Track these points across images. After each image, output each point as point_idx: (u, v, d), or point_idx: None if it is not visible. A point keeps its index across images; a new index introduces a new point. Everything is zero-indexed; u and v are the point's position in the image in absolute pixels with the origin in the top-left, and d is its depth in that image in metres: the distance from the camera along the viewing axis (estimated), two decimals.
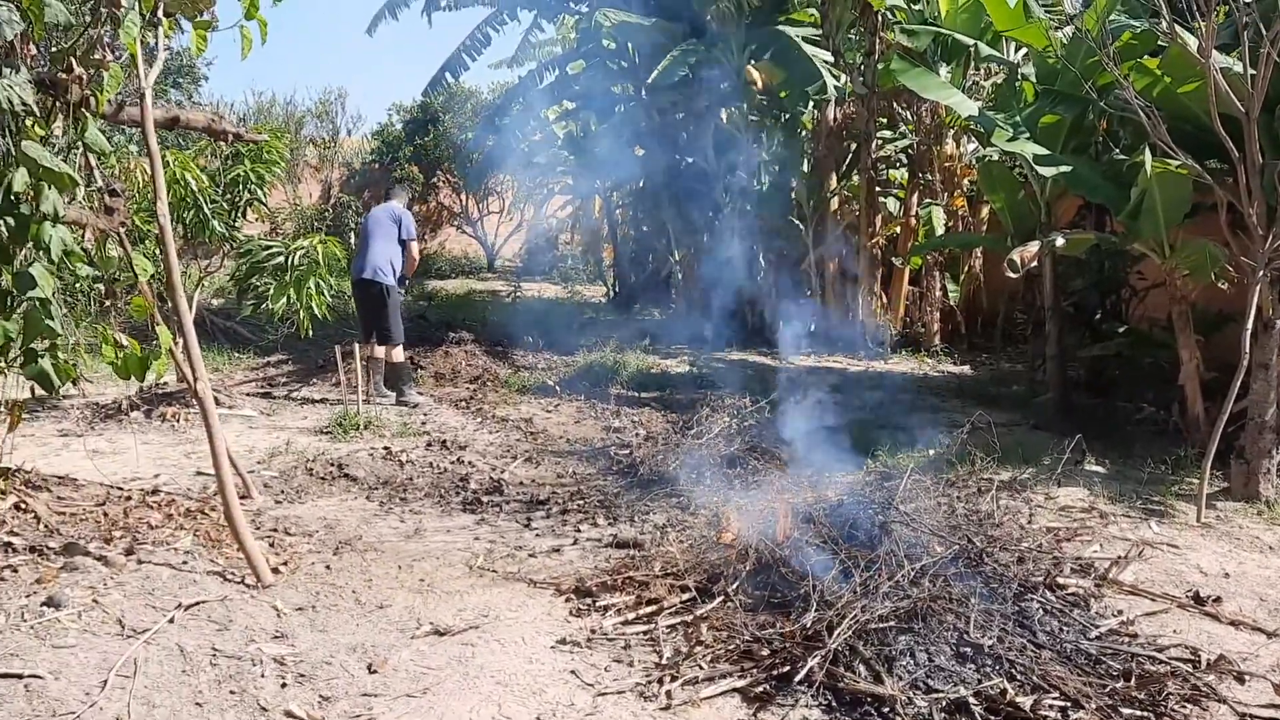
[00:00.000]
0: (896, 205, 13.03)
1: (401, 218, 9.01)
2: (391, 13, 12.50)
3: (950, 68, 10.75)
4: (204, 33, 4.13)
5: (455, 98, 22.03)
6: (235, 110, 21.11)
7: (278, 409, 8.38)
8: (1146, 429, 7.86)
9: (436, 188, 23.53)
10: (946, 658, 3.59)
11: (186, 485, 5.86)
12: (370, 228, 8.95)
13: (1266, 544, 5.40)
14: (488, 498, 5.98)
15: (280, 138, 7.19)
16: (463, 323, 12.80)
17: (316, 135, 22.44)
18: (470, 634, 3.94)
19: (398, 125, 23.52)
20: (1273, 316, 6.00)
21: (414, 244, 9.11)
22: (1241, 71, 5.60)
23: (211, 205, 6.75)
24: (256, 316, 10.40)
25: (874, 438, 7.41)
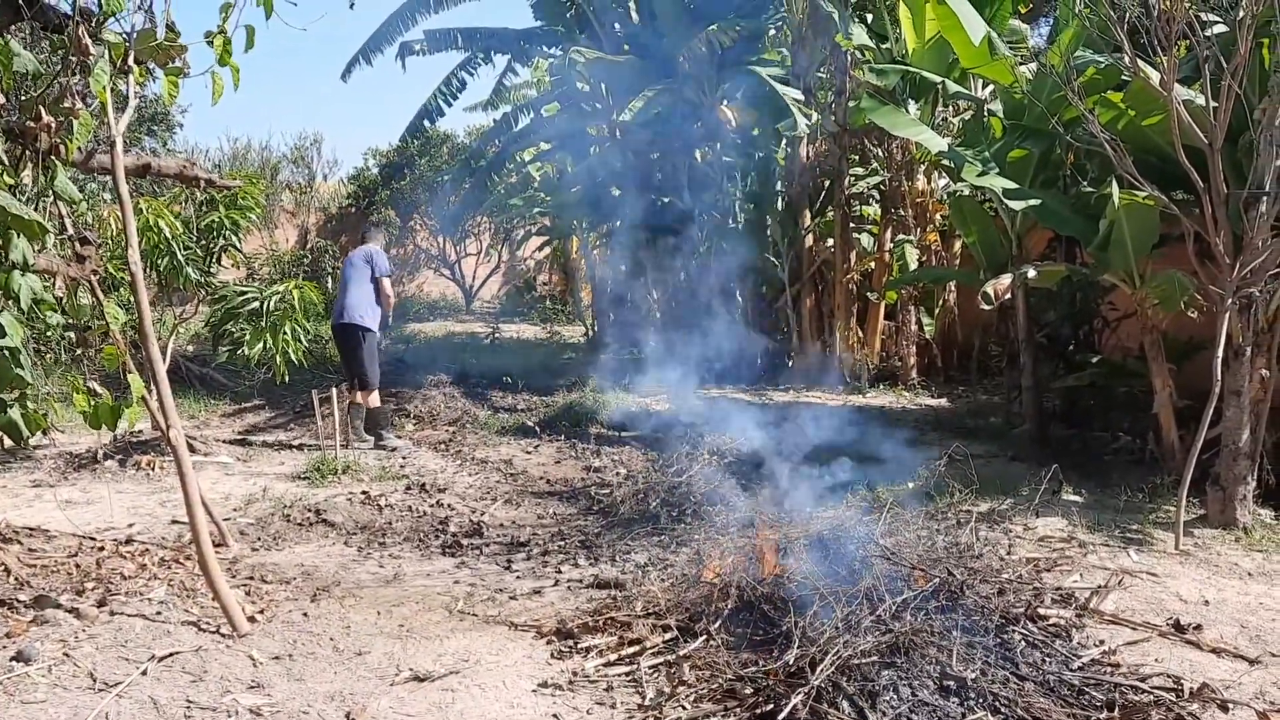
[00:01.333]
0: (870, 241, 13.14)
1: (373, 257, 9.00)
2: (366, 58, 12.58)
3: (919, 105, 10.89)
4: (175, 79, 4.14)
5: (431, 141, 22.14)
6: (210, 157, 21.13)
7: (254, 455, 8.31)
8: (1123, 458, 7.90)
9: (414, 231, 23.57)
10: (930, 692, 3.57)
11: (161, 534, 5.79)
12: (347, 273, 9.01)
13: (1245, 570, 5.42)
14: (468, 540, 5.94)
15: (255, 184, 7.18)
16: (441, 365, 12.77)
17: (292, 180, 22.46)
18: (450, 679, 3.89)
19: (374, 170, 23.60)
20: (1243, 344, 6.07)
21: (385, 280, 9.02)
22: (1204, 104, 5.71)
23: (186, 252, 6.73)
24: (232, 363, 10.34)
25: (854, 472, 7.42)
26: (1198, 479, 6.20)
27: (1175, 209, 6.07)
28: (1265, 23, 5.82)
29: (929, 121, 10.30)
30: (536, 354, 15.30)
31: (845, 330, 12.46)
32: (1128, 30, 5.74)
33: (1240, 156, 6.10)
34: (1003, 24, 9.66)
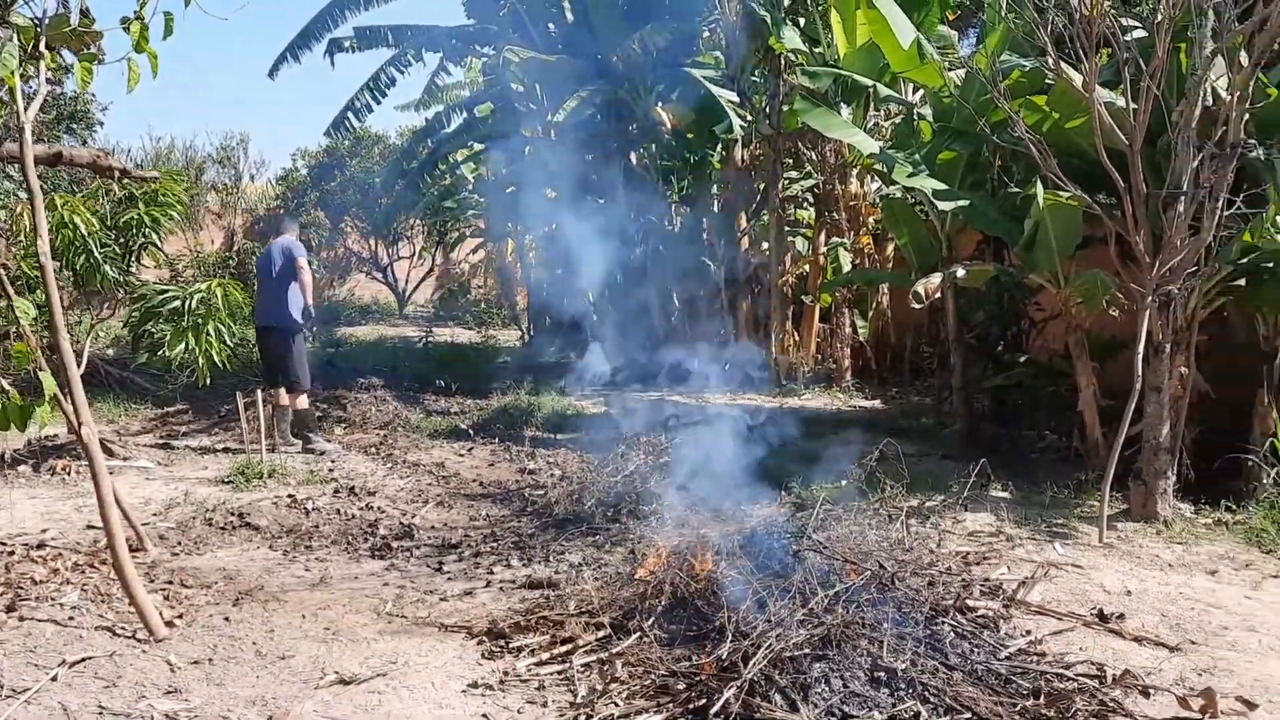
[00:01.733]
0: (805, 244, 13.25)
1: (290, 248, 8.63)
2: (293, 55, 12.33)
3: (851, 108, 11.02)
4: (89, 66, 4.00)
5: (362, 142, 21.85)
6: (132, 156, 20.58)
7: (176, 460, 8.09)
8: (1049, 455, 8.05)
9: (344, 233, 23.24)
10: (861, 683, 3.58)
11: (76, 539, 5.59)
12: (263, 270, 8.75)
13: (1166, 561, 5.54)
14: (398, 543, 5.84)
15: (177, 180, 6.99)
16: (372, 368, 12.56)
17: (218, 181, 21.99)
18: (377, 682, 3.81)
19: (303, 170, 23.22)
20: (1162, 341, 6.22)
21: (301, 260, 8.58)
22: (1124, 106, 5.84)
23: (103, 250, 6.51)
24: (154, 366, 10.06)
25: (788, 471, 7.46)
26: (1120, 474, 6.34)
27: (1098, 209, 6.21)
28: (1182, 27, 5.98)
29: (861, 124, 10.42)
30: (471, 357, 15.15)
31: (781, 333, 12.54)
32: (1052, 35, 5.85)
33: (1159, 158, 6.25)
34: (931, 29, 9.81)
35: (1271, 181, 6.36)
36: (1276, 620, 4.69)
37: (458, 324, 20.92)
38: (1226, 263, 6.31)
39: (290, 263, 8.55)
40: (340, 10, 12.30)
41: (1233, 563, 5.55)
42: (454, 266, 25.37)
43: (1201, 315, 6.62)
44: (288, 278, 8.56)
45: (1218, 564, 5.52)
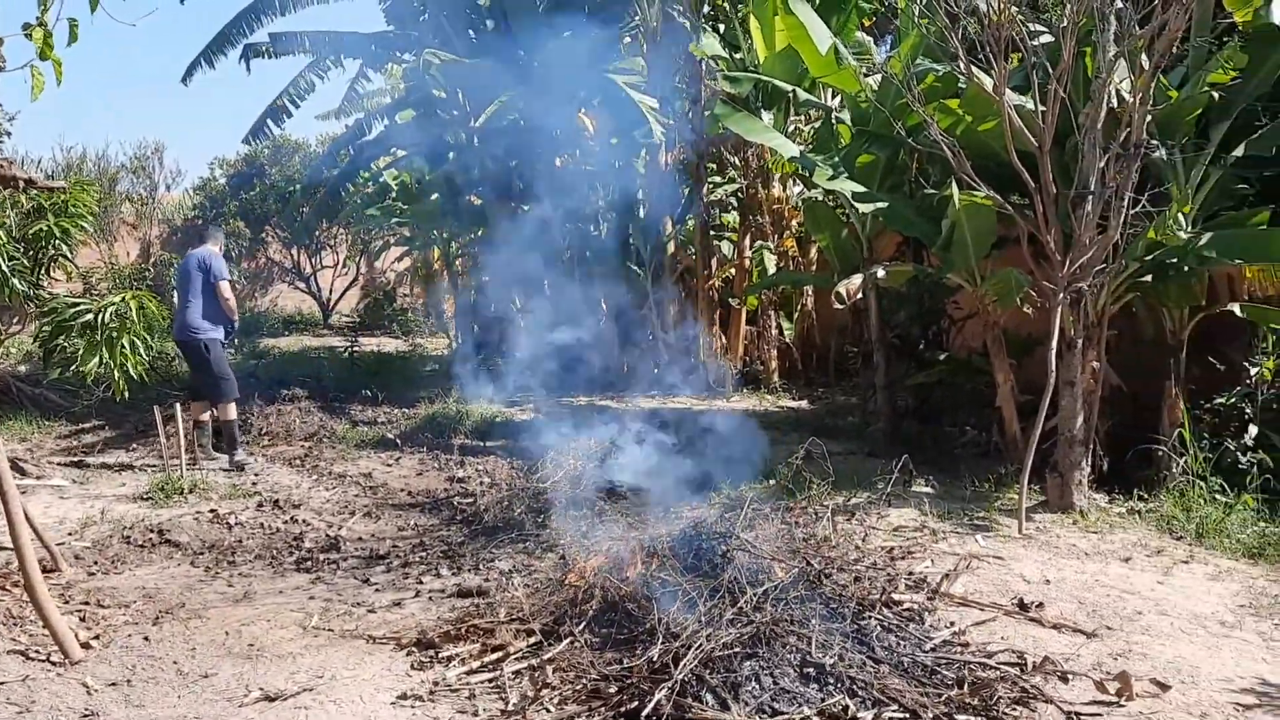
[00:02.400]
0: (730, 248, 13.35)
1: (209, 261, 8.40)
2: (208, 60, 12.06)
3: (772, 113, 11.14)
4: None
5: (282, 150, 21.47)
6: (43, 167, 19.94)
7: (92, 477, 7.86)
8: (970, 450, 8.23)
9: (265, 243, 22.82)
10: (791, 679, 3.63)
11: None
12: (180, 281, 8.53)
13: (1082, 550, 5.71)
14: (324, 555, 5.75)
15: (87, 190, 6.79)
16: (296, 379, 12.34)
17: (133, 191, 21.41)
18: (304, 697, 3.75)
19: (221, 179, 22.74)
20: (1075, 337, 6.40)
21: (223, 284, 8.39)
22: (1033, 109, 6.01)
23: (11, 262, 6.30)
24: (68, 381, 9.77)
25: (717, 472, 7.52)
26: (1038, 467, 6.51)
27: (1010, 209, 6.38)
28: (1086, 32, 6.17)
29: (782, 129, 10.54)
30: (398, 366, 14.97)
31: (709, 336, 12.61)
32: (963, 41, 6.00)
33: (1068, 159, 6.44)
34: (849, 35, 9.98)
35: (1173, 180, 6.61)
36: (1187, 604, 4.86)
37: (384, 333, 20.66)
38: (1133, 260, 6.52)
39: (205, 275, 8.35)
40: (256, 15, 12.07)
41: (1145, 550, 5.73)
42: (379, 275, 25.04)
43: (1111, 311, 6.82)
44: (204, 290, 8.35)
45: (1131, 551, 5.70)
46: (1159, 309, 7.09)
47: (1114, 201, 5.96)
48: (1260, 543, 5.71)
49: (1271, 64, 6.52)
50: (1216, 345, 7.27)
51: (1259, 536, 5.79)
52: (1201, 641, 4.39)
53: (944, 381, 9.11)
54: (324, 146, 20.92)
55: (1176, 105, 6.43)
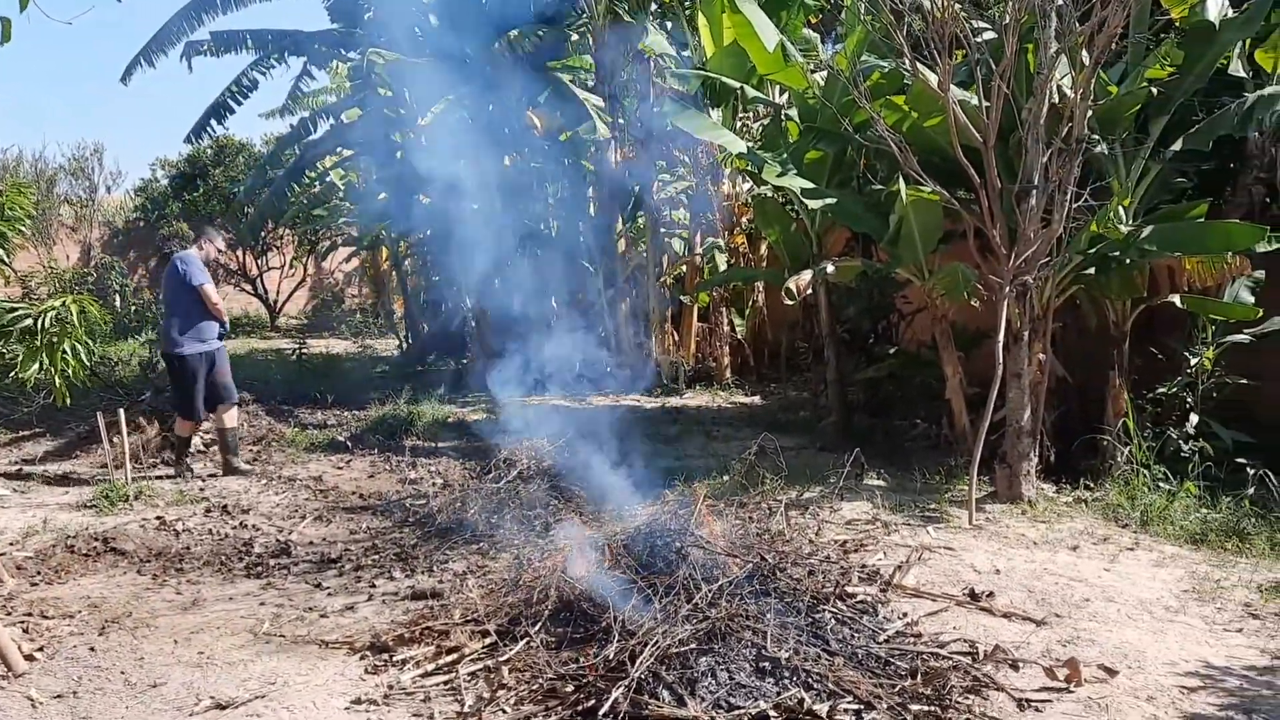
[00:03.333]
0: (681, 245, 13.39)
1: (185, 264, 7.87)
2: (148, 59, 11.81)
3: (721, 110, 11.17)
4: None
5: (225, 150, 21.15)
6: None
7: (34, 486, 7.68)
8: (921, 443, 8.33)
9: None
10: (747, 674, 3.64)
11: None
12: (164, 290, 8.16)
13: (1031, 540, 5.80)
14: (275, 561, 5.67)
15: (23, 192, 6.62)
16: (243, 383, 12.14)
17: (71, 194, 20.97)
18: (256, 704, 3.69)
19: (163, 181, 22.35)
20: (1021, 329, 6.50)
21: (206, 289, 7.87)
22: (978, 105, 6.09)
23: None
24: (7, 388, 9.53)
25: (671, 469, 7.54)
26: (987, 458, 6.61)
27: (957, 204, 6.46)
28: (1028, 29, 6.26)
29: (730, 126, 10.57)
30: (347, 368, 14.82)
31: (661, 333, 12.64)
32: (908, 37, 6.06)
33: (1011, 154, 6.53)
34: (795, 32, 10.03)
35: (1114, 174, 6.74)
36: (1133, 590, 4.96)
37: (333, 335, 20.45)
38: (1076, 253, 6.63)
39: (182, 281, 7.83)
40: (198, 13, 11.84)
41: (1092, 538, 5.84)
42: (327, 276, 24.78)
43: (1056, 304, 6.94)
44: (181, 299, 7.86)
45: (1078, 540, 5.80)
46: (1102, 301, 7.23)
47: (1057, 196, 6.06)
48: (1202, 529, 5.84)
49: (1207, 60, 6.66)
50: (1158, 336, 7.43)
51: (1201, 523, 5.92)
52: (1147, 627, 4.48)
53: (894, 375, 9.20)
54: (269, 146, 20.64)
55: (1116, 101, 6.55)
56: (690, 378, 12.49)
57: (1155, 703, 3.71)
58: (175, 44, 11.87)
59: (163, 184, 22.46)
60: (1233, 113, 6.67)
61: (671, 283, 12.81)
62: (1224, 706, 3.68)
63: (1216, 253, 6.42)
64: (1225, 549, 5.58)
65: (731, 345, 13.03)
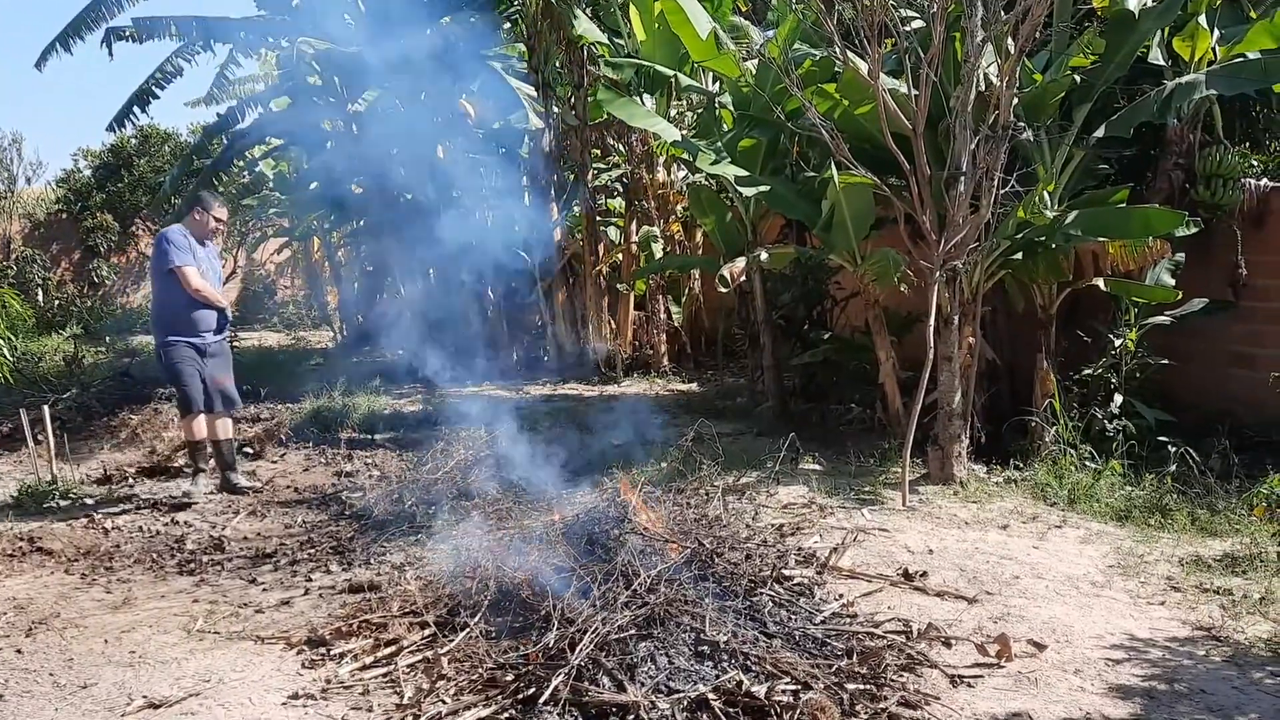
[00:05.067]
0: (617, 233, 13.38)
1: (165, 246, 6.85)
2: (64, 45, 11.45)
3: (655, 98, 11.18)
4: None
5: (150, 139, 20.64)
6: None
7: None
8: (856, 427, 8.43)
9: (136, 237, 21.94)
10: (686, 658, 3.67)
11: None
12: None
13: (962, 520, 5.92)
14: (208, 557, 5.57)
15: None
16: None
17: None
18: (190, 702, 3.64)
19: (86, 171, 21.76)
20: (951, 313, 6.62)
21: (186, 272, 6.75)
22: (907, 93, 6.17)
23: None
24: None
25: (610, 457, 7.56)
26: (920, 441, 6.73)
27: (887, 191, 6.55)
28: (955, 17, 6.37)
29: (664, 114, 10.60)
30: (280, 361, 14.57)
31: (598, 321, 12.63)
32: (838, 26, 6.12)
33: (940, 141, 6.64)
34: (724, 18, 10.06)
35: (1039, 161, 6.88)
36: (1061, 566, 5.09)
37: (265, 327, 20.09)
38: (1004, 238, 6.77)
39: (162, 263, 6.86)
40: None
41: (1021, 516, 5.98)
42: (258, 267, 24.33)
43: (985, 288, 7.08)
44: (163, 281, 6.93)
45: (1008, 519, 5.94)
46: (1029, 285, 7.39)
47: (984, 182, 6.17)
48: (1127, 506, 6.02)
49: (1128, 49, 6.84)
50: (1084, 319, 7.62)
51: (1125, 500, 6.09)
52: (1074, 602, 4.61)
53: (829, 360, 9.31)
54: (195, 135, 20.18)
55: (1041, 89, 6.69)
56: (628, 366, 12.50)
57: (1082, 675, 3.82)
58: (94, 29, 11.53)
59: (86, 175, 21.86)
60: (1152, 100, 6.86)
61: (608, 271, 12.80)
62: (1147, 677, 3.80)
63: (1138, 237, 6.60)
64: (1148, 525, 5.74)
65: (669, 333, 13.06)
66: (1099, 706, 3.56)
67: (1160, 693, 3.66)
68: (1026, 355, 7.51)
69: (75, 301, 19.97)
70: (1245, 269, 7.41)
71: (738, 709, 3.39)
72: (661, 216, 12.61)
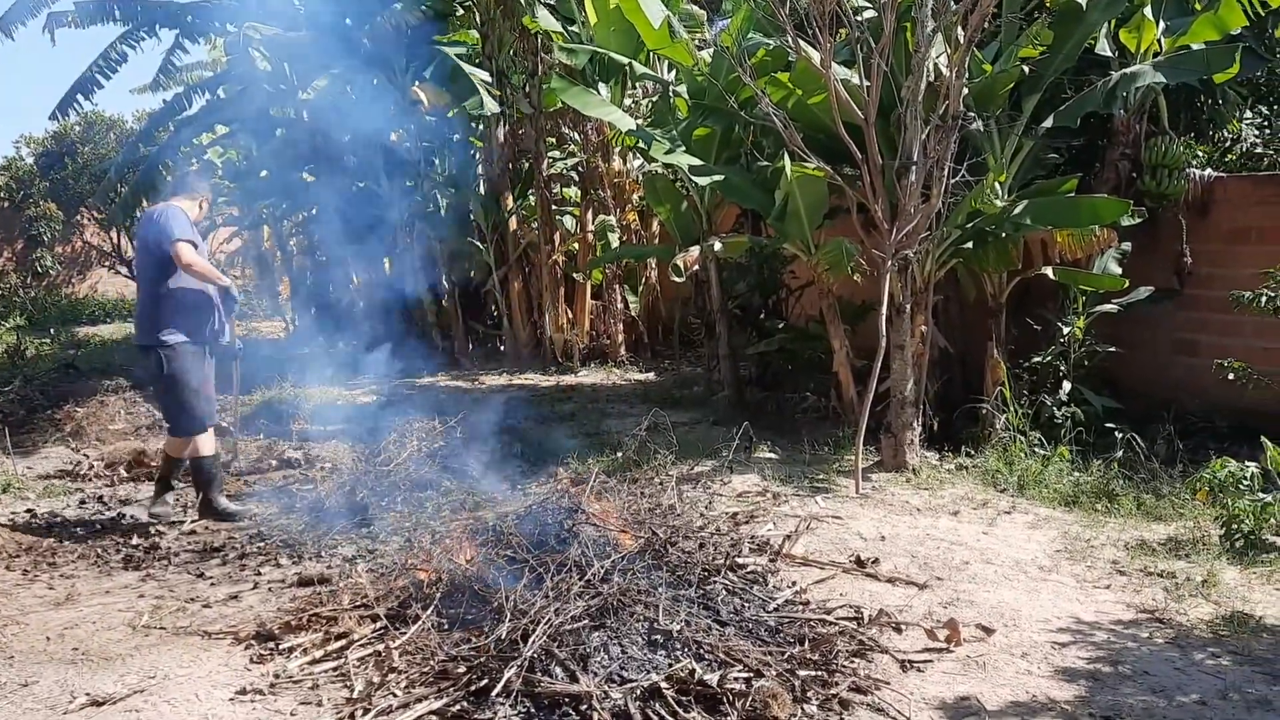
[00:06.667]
0: (573, 222, 13.33)
1: (153, 217, 5.89)
2: (4, 30, 11.16)
3: (610, 86, 11.14)
4: None
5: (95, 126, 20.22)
6: None
7: None
8: (810, 415, 8.49)
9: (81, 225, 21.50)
10: (639, 648, 3.67)
11: None
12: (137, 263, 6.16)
13: (915, 507, 5.97)
14: (154, 552, 5.48)
15: None
16: (120, 369, 11.70)
17: None
18: (135, 699, 3.57)
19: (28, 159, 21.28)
20: (903, 302, 6.67)
21: (181, 247, 5.66)
22: (859, 83, 6.20)
23: None
24: None
25: (565, 448, 7.54)
26: (874, 429, 6.78)
27: (840, 180, 6.58)
28: (906, 8, 6.39)
29: (619, 102, 10.56)
30: None
31: (554, 311, 12.58)
32: (791, 14, 6.12)
33: (892, 130, 6.67)
34: (676, 6, 10.02)
35: (989, 151, 6.95)
36: (1009, 552, 5.16)
37: None
38: (955, 227, 6.83)
39: (160, 245, 5.76)
40: None
41: (972, 503, 6.05)
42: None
43: (937, 277, 7.14)
44: (164, 270, 5.84)
45: (959, 505, 6.00)
46: (980, 274, 7.46)
47: (935, 172, 6.22)
48: (1074, 491, 6.11)
49: (1075, 40, 6.92)
50: (1033, 307, 7.72)
51: (1073, 486, 6.19)
52: (1022, 586, 4.67)
53: (784, 349, 9.36)
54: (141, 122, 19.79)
55: (991, 79, 6.75)
56: (584, 355, 12.48)
57: (1029, 658, 3.87)
58: (36, 14, 11.25)
59: (28, 163, 21.37)
60: (1099, 90, 6.96)
61: (564, 260, 12.75)
62: (1093, 659, 3.86)
63: (1085, 226, 6.69)
64: (1095, 510, 5.84)
65: (625, 322, 13.06)
66: (1045, 689, 3.61)
67: (1105, 674, 3.72)
68: (978, 344, 7.60)
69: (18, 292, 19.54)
70: (1190, 257, 7.54)
71: (690, 697, 3.39)
72: (618, 205, 12.59)
